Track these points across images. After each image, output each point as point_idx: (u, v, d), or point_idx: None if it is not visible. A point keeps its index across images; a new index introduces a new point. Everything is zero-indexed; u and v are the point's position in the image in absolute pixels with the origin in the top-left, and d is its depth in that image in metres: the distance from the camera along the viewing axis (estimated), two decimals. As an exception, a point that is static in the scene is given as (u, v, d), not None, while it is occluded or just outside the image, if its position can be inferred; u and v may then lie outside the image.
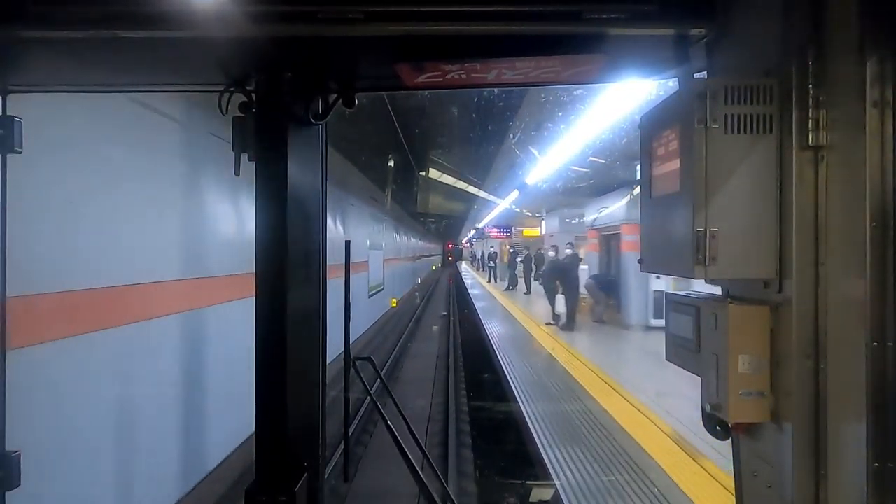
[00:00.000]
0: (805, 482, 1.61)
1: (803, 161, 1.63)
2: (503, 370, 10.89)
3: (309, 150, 2.28)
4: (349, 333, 2.66)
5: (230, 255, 6.87)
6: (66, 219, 4.26)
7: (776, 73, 1.69)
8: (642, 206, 2.14)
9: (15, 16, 1.86)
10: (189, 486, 5.82)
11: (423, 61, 2.02)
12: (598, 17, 1.84)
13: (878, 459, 1.46)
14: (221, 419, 6.48)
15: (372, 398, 2.78)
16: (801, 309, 1.63)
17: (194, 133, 6.20)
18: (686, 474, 5.49)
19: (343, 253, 2.68)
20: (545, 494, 6.66)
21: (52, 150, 3.99)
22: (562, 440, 6.78)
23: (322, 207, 2.36)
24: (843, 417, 1.56)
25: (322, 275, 2.34)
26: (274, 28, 1.90)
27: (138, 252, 5.14)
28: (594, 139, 11.31)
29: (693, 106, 1.70)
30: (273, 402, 2.12)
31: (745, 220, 1.71)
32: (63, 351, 4.19)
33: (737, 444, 1.94)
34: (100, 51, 2.09)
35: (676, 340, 2.06)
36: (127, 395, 4.89)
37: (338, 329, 2.52)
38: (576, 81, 2.35)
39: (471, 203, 31.83)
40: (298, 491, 2.06)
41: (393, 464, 2.80)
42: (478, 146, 16.36)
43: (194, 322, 6.21)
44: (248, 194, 6.24)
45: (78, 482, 4.26)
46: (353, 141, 11.71)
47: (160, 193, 5.65)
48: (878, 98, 1.47)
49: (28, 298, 3.78)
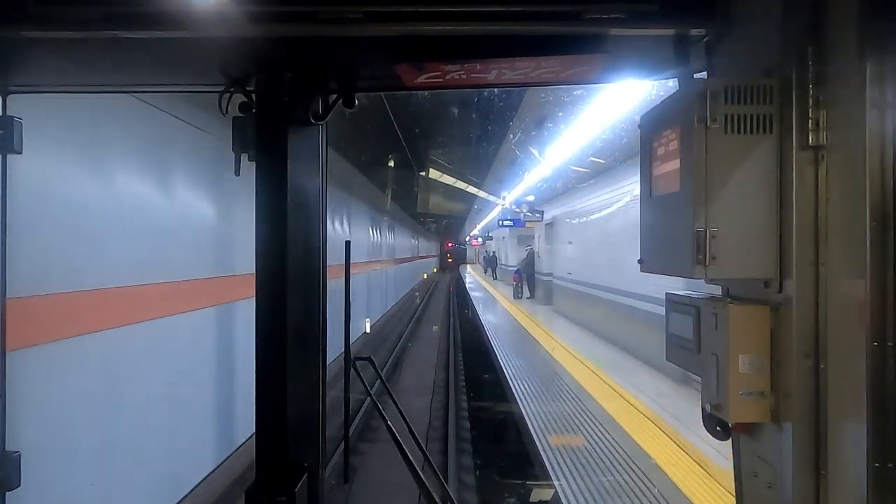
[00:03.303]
0: (805, 482, 1.61)
1: (803, 161, 1.63)
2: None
3: (309, 150, 2.28)
4: (349, 333, 2.66)
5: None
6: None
7: (776, 73, 1.69)
8: (642, 205, 2.14)
9: (15, 16, 1.86)
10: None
11: (423, 61, 2.02)
12: (598, 17, 1.84)
13: (878, 459, 1.46)
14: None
15: (372, 398, 2.78)
16: (802, 309, 1.63)
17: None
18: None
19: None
20: (545, 494, 6.67)
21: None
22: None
23: (322, 207, 2.36)
24: (843, 417, 1.56)
25: (322, 275, 2.34)
26: (274, 28, 1.90)
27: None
28: (594, 139, 11.34)
29: (693, 106, 1.70)
30: (273, 403, 2.12)
31: (745, 220, 1.71)
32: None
33: (737, 444, 1.94)
34: (100, 51, 2.09)
35: (676, 340, 2.06)
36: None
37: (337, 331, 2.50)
38: (576, 81, 2.35)
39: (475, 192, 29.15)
40: (298, 491, 2.06)
41: (393, 464, 2.78)
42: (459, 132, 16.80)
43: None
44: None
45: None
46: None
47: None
48: (878, 98, 1.47)
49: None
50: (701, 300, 1.92)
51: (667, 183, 1.90)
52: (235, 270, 6.90)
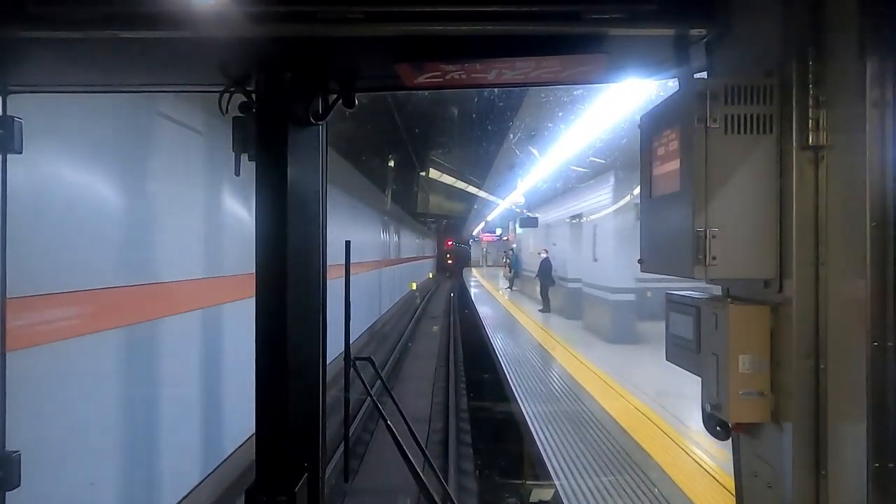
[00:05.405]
0: (805, 482, 1.61)
1: (803, 161, 1.63)
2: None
3: (309, 150, 2.28)
4: (349, 333, 2.65)
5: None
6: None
7: (776, 73, 1.69)
8: (642, 205, 2.13)
9: (15, 16, 1.86)
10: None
11: (423, 61, 2.02)
12: (598, 18, 1.84)
13: (878, 459, 1.46)
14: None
15: (372, 398, 2.78)
16: (802, 309, 1.63)
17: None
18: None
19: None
20: (545, 494, 6.65)
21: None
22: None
23: (322, 207, 2.35)
24: (843, 417, 1.56)
25: (322, 275, 2.33)
26: (274, 28, 1.90)
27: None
28: (593, 139, 11.34)
29: (693, 106, 1.70)
30: (273, 402, 2.11)
31: (745, 220, 1.71)
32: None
33: (737, 444, 1.94)
34: (100, 51, 2.09)
35: (676, 340, 2.06)
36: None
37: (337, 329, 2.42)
38: (576, 81, 2.35)
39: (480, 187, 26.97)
40: (298, 491, 2.06)
41: (393, 464, 2.74)
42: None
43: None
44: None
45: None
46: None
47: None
48: (878, 98, 1.47)
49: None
50: (701, 300, 1.92)
51: (667, 183, 1.90)
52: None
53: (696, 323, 1.91)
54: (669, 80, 2.20)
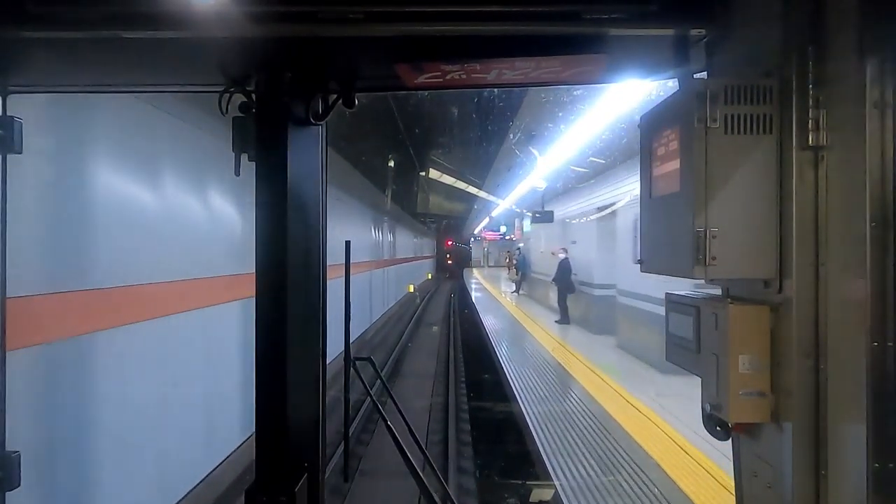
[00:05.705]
0: (805, 482, 1.61)
1: (803, 161, 1.63)
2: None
3: (309, 150, 2.28)
4: (349, 333, 2.65)
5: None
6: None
7: (776, 74, 1.69)
8: (642, 205, 2.13)
9: (15, 16, 1.86)
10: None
11: (423, 61, 2.02)
12: (599, 18, 1.84)
13: (878, 459, 1.46)
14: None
15: (372, 398, 2.78)
16: (801, 309, 1.63)
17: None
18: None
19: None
20: (545, 494, 6.65)
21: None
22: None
23: (322, 207, 2.36)
24: (843, 417, 1.56)
25: (322, 275, 2.33)
26: (274, 28, 1.90)
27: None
28: (593, 140, 11.32)
29: (693, 106, 1.70)
30: (273, 402, 2.11)
31: (745, 220, 1.71)
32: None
33: (737, 444, 1.93)
34: (100, 51, 2.09)
35: (676, 340, 2.06)
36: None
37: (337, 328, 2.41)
38: (576, 81, 2.35)
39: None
40: (298, 491, 2.06)
41: (393, 464, 2.73)
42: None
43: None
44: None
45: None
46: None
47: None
48: (878, 98, 1.47)
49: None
50: (701, 300, 1.92)
51: (667, 183, 1.90)
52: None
53: (695, 323, 1.91)
54: (669, 81, 2.20)
